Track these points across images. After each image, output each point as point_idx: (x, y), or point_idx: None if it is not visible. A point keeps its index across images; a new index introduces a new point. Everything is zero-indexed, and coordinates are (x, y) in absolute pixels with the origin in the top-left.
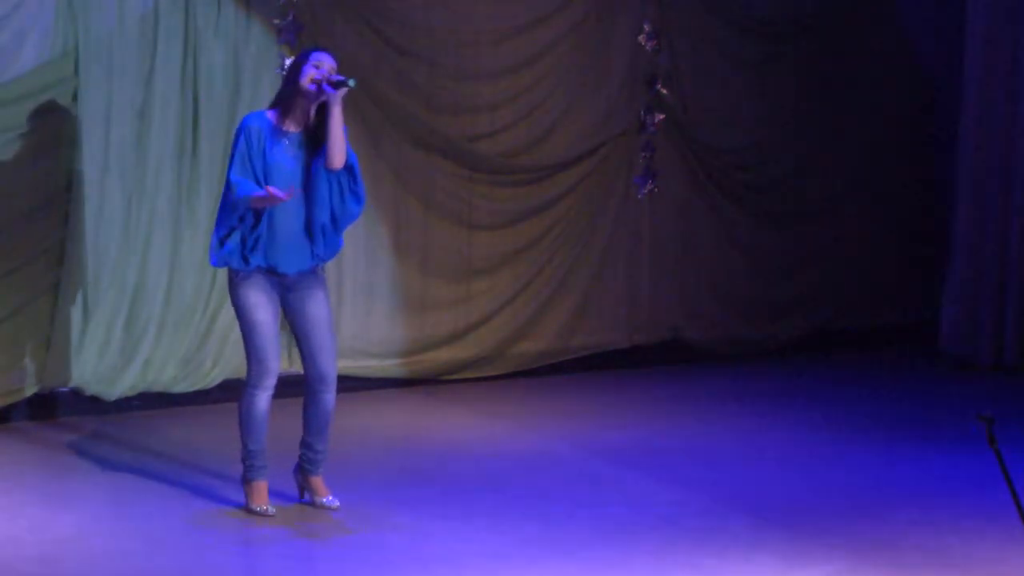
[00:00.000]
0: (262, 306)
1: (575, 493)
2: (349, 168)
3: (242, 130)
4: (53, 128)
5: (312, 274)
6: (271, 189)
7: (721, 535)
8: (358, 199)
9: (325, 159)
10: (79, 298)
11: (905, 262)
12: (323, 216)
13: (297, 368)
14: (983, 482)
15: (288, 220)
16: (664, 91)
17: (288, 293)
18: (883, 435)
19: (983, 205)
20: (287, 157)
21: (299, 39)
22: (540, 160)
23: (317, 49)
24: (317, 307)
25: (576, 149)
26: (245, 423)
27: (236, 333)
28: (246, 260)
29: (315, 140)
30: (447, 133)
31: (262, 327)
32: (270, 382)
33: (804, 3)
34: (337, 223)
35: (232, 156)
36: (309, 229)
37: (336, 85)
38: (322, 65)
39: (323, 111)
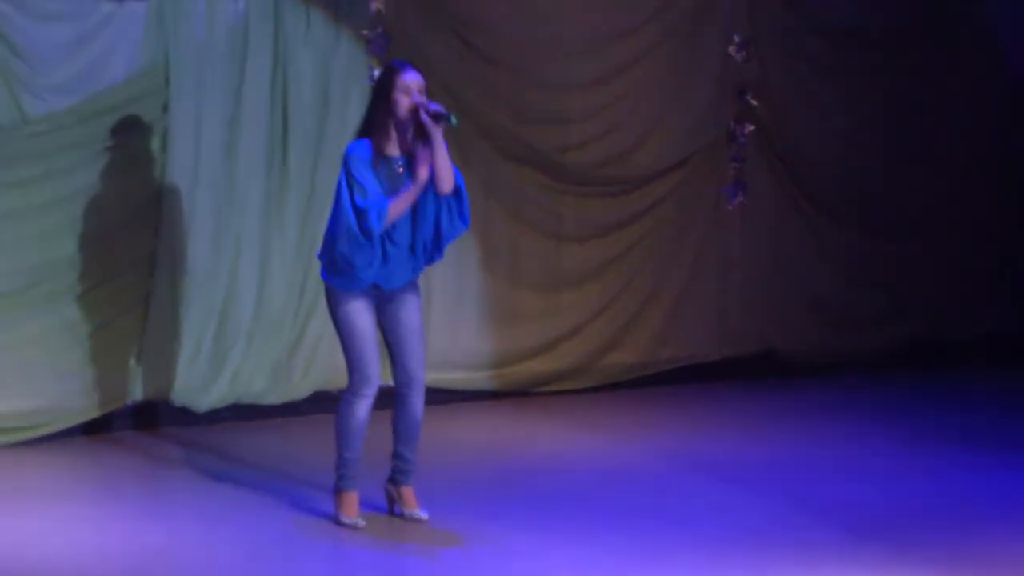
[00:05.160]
0: (360, 312)
1: (664, 506)
2: (456, 190)
3: (351, 157)
4: (143, 140)
5: (410, 283)
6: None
7: (814, 549)
8: (464, 220)
9: (434, 185)
10: (169, 309)
11: (997, 274)
12: (428, 235)
13: (389, 380)
14: None
15: (400, 241)
16: (754, 102)
17: (386, 304)
18: (977, 449)
19: None
20: (395, 182)
21: (387, 51)
22: (629, 171)
23: (400, 65)
24: (411, 315)
25: (666, 160)
26: (342, 430)
27: (326, 344)
28: (359, 283)
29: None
30: (536, 144)
31: (362, 333)
32: (370, 390)
33: (895, 13)
34: (441, 241)
35: (344, 184)
36: (413, 247)
37: (436, 118)
38: (411, 89)
39: (420, 129)
